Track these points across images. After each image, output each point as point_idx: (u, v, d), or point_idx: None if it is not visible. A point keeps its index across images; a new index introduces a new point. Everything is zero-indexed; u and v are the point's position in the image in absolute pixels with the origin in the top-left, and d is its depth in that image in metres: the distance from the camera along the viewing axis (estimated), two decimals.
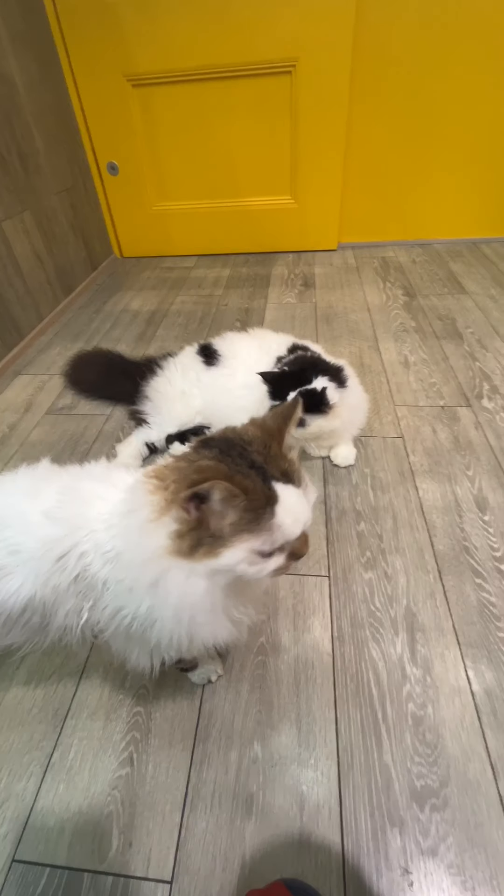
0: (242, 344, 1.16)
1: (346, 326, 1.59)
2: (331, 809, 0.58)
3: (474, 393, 1.24)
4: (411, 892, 0.52)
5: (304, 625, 0.77)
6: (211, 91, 1.80)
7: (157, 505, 0.41)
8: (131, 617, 0.47)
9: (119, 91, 1.84)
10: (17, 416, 1.29)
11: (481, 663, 0.70)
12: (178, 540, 0.40)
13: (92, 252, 2.08)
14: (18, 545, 0.48)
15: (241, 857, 0.55)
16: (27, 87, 1.57)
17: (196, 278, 2.06)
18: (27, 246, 1.60)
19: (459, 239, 2.16)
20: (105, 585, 0.47)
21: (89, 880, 0.54)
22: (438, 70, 1.74)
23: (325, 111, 1.82)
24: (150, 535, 0.41)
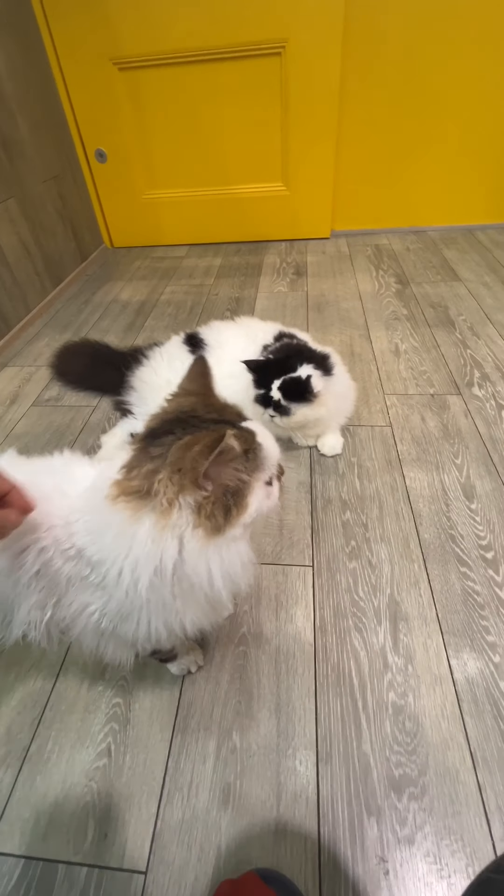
0: (229, 333, 1.14)
1: (338, 315, 1.57)
2: (308, 799, 0.57)
3: (465, 381, 1.22)
4: (386, 880, 0.51)
5: (287, 615, 0.76)
6: (199, 74, 1.76)
7: (157, 514, 0.38)
8: (99, 613, 0.46)
9: (105, 75, 1.80)
10: (3, 408, 1.28)
11: (464, 651, 0.69)
12: (209, 519, 0.39)
13: (81, 242, 2.05)
14: None
15: (217, 848, 0.54)
16: (10, 72, 1.53)
17: (187, 268, 2.03)
18: (13, 235, 1.58)
19: (454, 226, 2.13)
20: (69, 582, 0.46)
21: (63, 871, 0.54)
22: (433, 52, 1.70)
23: (317, 94, 1.78)
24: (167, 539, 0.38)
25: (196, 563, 0.39)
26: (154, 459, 0.40)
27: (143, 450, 0.41)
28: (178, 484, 0.38)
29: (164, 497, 0.38)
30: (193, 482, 0.37)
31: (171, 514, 0.38)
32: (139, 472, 0.40)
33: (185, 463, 0.37)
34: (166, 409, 0.45)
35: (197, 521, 0.38)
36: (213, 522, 0.39)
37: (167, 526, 0.38)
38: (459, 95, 1.78)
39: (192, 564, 0.39)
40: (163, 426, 0.42)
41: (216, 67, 1.75)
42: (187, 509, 0.38)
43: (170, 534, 0.38)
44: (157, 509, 0.38)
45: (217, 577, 0.41)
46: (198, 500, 0.38)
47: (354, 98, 1.81)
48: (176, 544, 0.39)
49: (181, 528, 0.38)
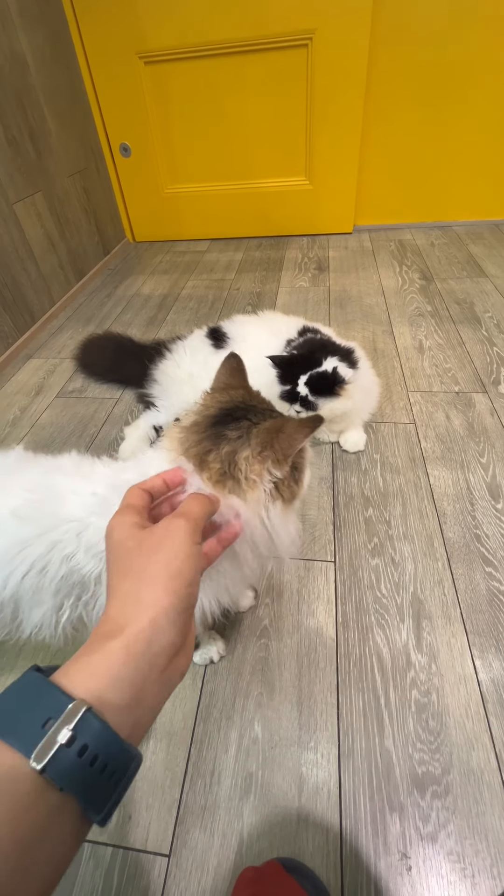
0: (252, 327, 1.14)
1: (360, 310, 1.55)
2: (330, 792, 0.57)
3: (491, 379, 1.20)
4: (409, 876, 0.51)
5: (309, 609, 0.76)
6: (224, 67, 1.76)
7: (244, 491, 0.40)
8: None
9: (131, 69, 1.81)
10: (28, 399, 1.30)
11: (489, 652, 0.68)
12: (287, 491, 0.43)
13: (104, 236, 2.06)
14: None
15: (239, 835, 0.55)
16: (39, 65, 1.55)
17: (208, 262, 2.03)
18: (39, 229, 1.60)
19: (481, 221, 2.08)
20: (99, 581, 0.46)
21: (89, 850, 0.55)
22: (461, 43, 1.66)
23: (343, 87, 1.76)
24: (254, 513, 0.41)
25: (279, 530, 0.43)
26: (232, 442, 0.42)
27: (214, 434, 0.42)
28: (265, 462, 0.41)
29: (249, 474, 0.40)
30: (284, 459, 0.41)
31: (256, 489, 0.41)
32: (218, 454, 0.41)
33: (278, 442, 0.41)
34: (220, 399, 0.46)
35: (276, 494, 0.42)
36: (289, 492, 0.43)
37: (253, 501, 0.41)
38: (489, 88, 1.74)
39: (276, 532, 0.43)
40: (227, 414, 0.44)
41: (242, 60, 1.74)
42: (269, 485, 0.41)
43: (256, 507, 0.41)
44: (242, 487, 0.41)
45: (288, 541, 0.45)
46: (281, 475, 0.42)
47: (380, 90, 1.78)
48: (261, 516, 0.42)
49: (265, 502, 0.42)
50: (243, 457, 0.41)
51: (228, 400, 0.45)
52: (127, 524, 0.32)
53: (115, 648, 0.25)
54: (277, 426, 0.41)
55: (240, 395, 0.46)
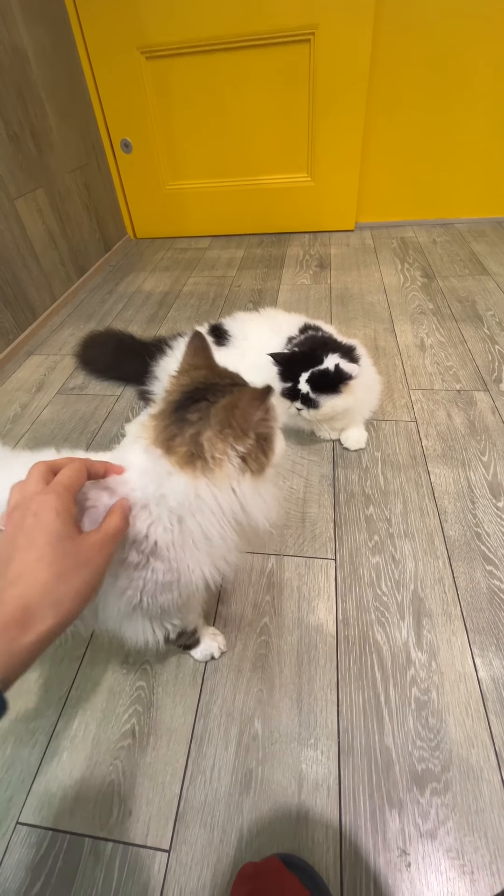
0: (253, 324, 1.14)
1: (362, 308, 1.55)
2: (329, 788, 0.58)
3: (493, 377, 1.19)
4: (408, 872, 0.51)
5: (309, 607, 0.76)
6: (226, 62, 1.75)
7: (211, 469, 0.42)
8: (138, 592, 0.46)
9: (133, 64, 1.80)
10: (29, 396, 1.30)
11: (489, 651, 0.68)
12: (254, 463, 0.44)
13: (105, 232, 2.06)
14: None
15: (239, 830, 0.55)
16: (39, 60, 1.54)
17: (209, 259, 2.03)
18: (40, 225, 1.60)
19: (483, 218, 2.07)
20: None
21: (90, 845, 0.55)
22: (465, 40, 1.65)
23: (345, 82, 1.75)
24: (225, 489, 0.43)
25: (251, 502, 0.45)
26: (194, 424, 0.42)
27: (177, 419, 0.43)
28: (227, 439, 0.42)
29: (214, 453, 0.42)
30: (243, 433, 0.42)
31: (223, 466, 0.42)
32: (183, 439, 0.42)
33: (234, 419, 0.41)
34: (182, 382, 0.47)
35: (244, 468, 0.43)
36: (257, 465, 0.44)
37: (222, 477, 0.42)
38: (492, 84, 1.73)
39: (248, 505, 0.45)
40: (188, 397, 0.45)
41: (243, 55, 1.73)
42: (236, 459, 0.43)
43: (226, 484, 0.43)
44: (210, 466, 0.42)
45: (263, 511, 0.46)
46: (245, 449, 0.43)
47: (382, 86, 1.78)
48: (232, 491, 0.43)
49: (234, 477, 0.43)
50: (206, 437, 0.42)
51: (189, 382, 0.46)
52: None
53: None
54: (233, 402, 0.42)
55: (202, 375, 0.47)
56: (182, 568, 0.46)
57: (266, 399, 0.42)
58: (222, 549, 0.48)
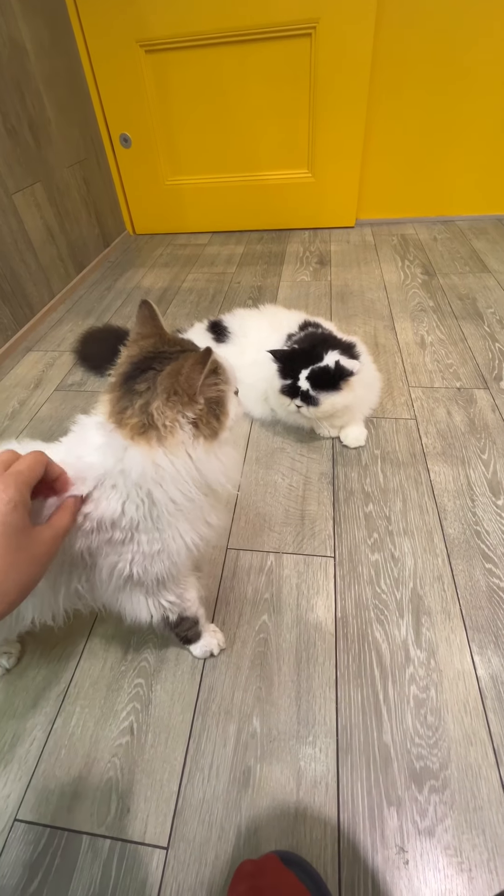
0: (253, 321, 1.13)
1: (362, 305, 1.54)
2: (328, 786, 0.58)
3: (493, 375, 1.19)
4: (406, 870, 0.51)
5: (308, 604, 0.76)
6: (226, 56, 1.73)
7: (164, 438, 0.42)
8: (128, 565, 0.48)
9: (132, 57, 1.78)
10: (27, 393, 1.30)
11: (488, 648, 0.68)
12: (206, 427, 0.44)
13: (104, 228, 2.05)
14: None
15: (237, 828, 0.55)
16: (38, 53, 1.53)
17: (209, 255, 2.01)
18: (38, 220, 1.58)
19: (484, 215, 2.06)
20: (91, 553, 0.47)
21: (88, 842, 0.55)
22: (467, 37, 1.63)
23: (347, 77, 1.73)
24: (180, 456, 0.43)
25: (206, 466, 0.45)
26: (143, 394, 0.43)
27: (127, 391, 0.43)
28: (175, 406, 0.42)
29: (165, 421, 0.42)
30: (191, 399, 0.42)
31: (175, 433, 0.43)
32: (133, 410, 0.42)
33: (179, 385, 0.42)
34: (131, 353, 0.47)
35: (197, 433, 0.44)
36: (209, 430, 0.44)
37: (176, 444, 0.43)
38: (494, 80, 1.72)
39: (204, 469, 0.45)
40: (136, 367, 0.44)
41: (244, 49, 1.72)
42: (187, 426, 0.43)
43: (181, 450, 0.43)
44: (162, 434, 0.42)
45: (221, 474, 0.47)
46: (195, 414, 0.43)
47: (384, 82, 1.76)
48: (188, 457, 0.44)
49: (188, 443, 0.43)
50: (154, 407, 0.42)
51: (138, 353, 0.46)
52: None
53: None
54: (176, 369, 0.42)
55: (150, 344, 0.46)
56: (165, 537, 0.47)
57: (206, 362, 0.41)
58: (198, 513, 0.48)
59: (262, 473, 0.99)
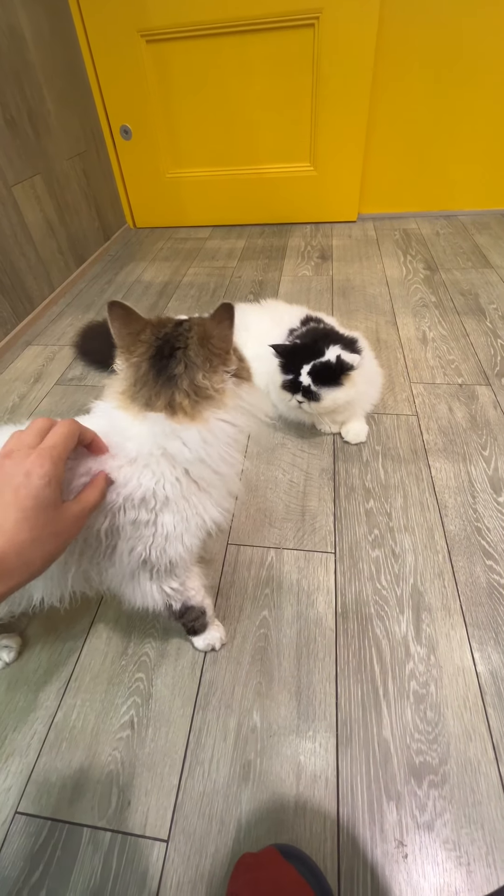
0: (254, 316, 1.12)
1: (364, 300, 1.53)
2: (328, 780, 0.58)
3: (495, 371, 1.19)
4: (405, 864, 0.52)
5: (308, 600, 0.76)
6: (228, 46, 1.71)
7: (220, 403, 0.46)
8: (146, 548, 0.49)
9: (133, 47, 1.76)
10: (27, 387, 1.29)
11: (488, 645, 0.68)
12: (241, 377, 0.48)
13: (104, 221, 2.03)
14: None
15: (237, 821, 0.55)
16: (37, 42, 1.51)
17: (210, 249, 2.00)
18: (38, 213, 1.57)
19: (487, 210, 2.05)
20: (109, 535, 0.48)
21: (88, 835, 0.55)
22: (471, 30, 1.61)
23: (349, 69, 1.71)
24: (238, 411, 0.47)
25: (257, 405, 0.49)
26: (183, 375, 0.44)
27: (165, 380, 0.45)
28: (217, 368, 0.45)
29: (215, 385, 0.45)
30: (226, 355, 0.45)
31: (226, 391, 0.46)
32: (182, 392, 0.44)
33: (213, 348, 0.44)
34: (141, 351, 0.46)
35: (239, 381, 0.48)
36: (247, 372, 0.49)
37: (230, 400, 0.46)
38: (497, 74, 1.70)
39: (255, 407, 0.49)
40: (157, 359, 0.45)
41: (246, 40, 1.69)
42: (230, 379, 0.46)
43: (234, 403, 0.47)
44: (217, 398, 0.45)
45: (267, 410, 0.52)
46: (234, 367, 0.47)
47: (387, 74, 1.74)
48: (242, 407, 0.47)
49: (237, 394, 0.47)
50: (199, 378, 0.44)
51: (146, 350, 0.46)
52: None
53: None
54: (205, 335, 0.45)
55: (149, 335, 0.46)
56: (190, 515, 0.49)
57: (233, 316, 0.44)
58: (229, 483, 0.51)
59: (262, 469, 0.99)
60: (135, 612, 0.75)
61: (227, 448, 0.47)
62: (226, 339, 0.44)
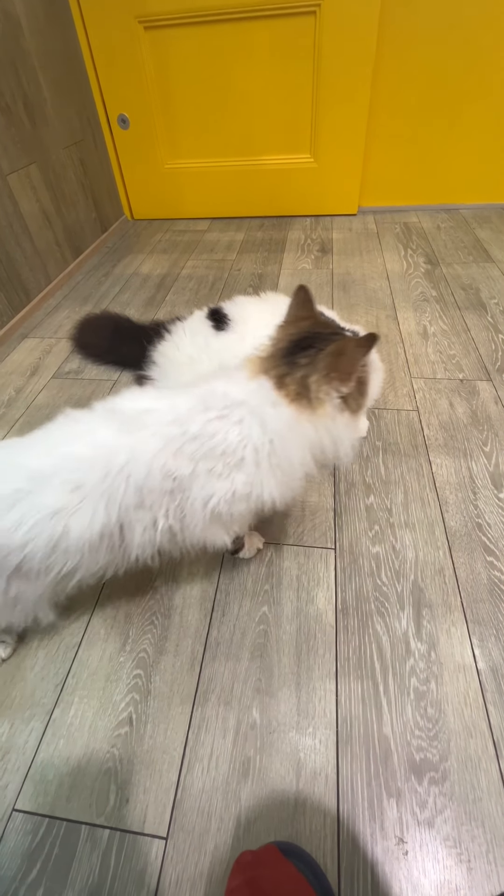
0: (253, 308, 1.11)
1: (364, 294, 1.52)
2: (327, 777, 0.57)
3: (496, 366, 1.18)
4: (405, 861, 0.51)
5: (308, 596, 0.75)
6: (228, 34, 1.68)
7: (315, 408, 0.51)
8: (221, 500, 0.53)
9: (130, 34, 1.72)
10: (24, 380, 1.27)
11: (489, 641, 0.68)
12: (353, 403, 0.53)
13: (102, 212, 2.00)
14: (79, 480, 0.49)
15: (237, 818, 0.55)
16: (33, 28, 1.47)
17: (209, 242, 1.98)
18: (34, 203, 1.54)
19: (488, 204, 2.03)
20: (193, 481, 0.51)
21: (86, 832, 0.55)
22: (474, 18, 1.59)
23: (351, 59, 1.69)
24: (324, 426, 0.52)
25: (342, 435, 0.54)
26: (303, 367, 0.51)
27: (289, 363, 0.51)
28: (332, 382, 0.50)
29: (318, 394, 0.50)
30: (347, 377, 0.50)
31: (324, 405, 0.51)
32: (293, 379, 0.51)
33: (340, 364, 0.50)
34: (290, 332, 0.55)
35: (343, 407, 0.52)
36: (356, 405, 0.53)
37: (323, 414, 0.51)
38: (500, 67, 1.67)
39: (339, 437, 0.54)
40: (296, 344, 0.52)
41: (247, 27, 1.66)
42: (337, 400, 0.51)
43: (324, 421, 0.52)
44: (313, 404, 0.51)
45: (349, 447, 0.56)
46: (347, 391, 0.51)
47: (388, 65, 1.72)
48: (328, 426, 0.52)
49: (332, 415, 0.52)
50: (312, 380, 0.50)
51: (296, 332, 0.54)
52: None
53: None
54: (339, 349, 0.49)
55: (307, 325, 0.55)
56: (256, 482, 0.53)
57: (372, 346, 0.49)
58: (296, 475, 0.55)
59: None
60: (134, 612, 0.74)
61: (301, 446, 0.52)
62: (354, 362, 0.49)
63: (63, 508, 0.48)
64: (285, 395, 0.50)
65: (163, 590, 0.78)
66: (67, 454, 0.51)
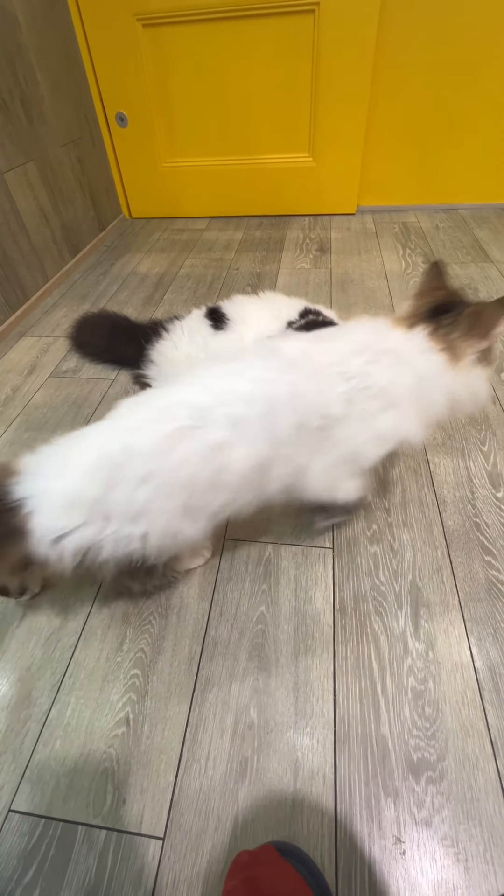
0: (252, 308, 1.10)
1: (362, 294, 1.52)
2: (325, 777, 0.57)
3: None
4: (403, 860, 0.51)
5: (306, 596, 0.75)
6: (227, 32, 1.67)
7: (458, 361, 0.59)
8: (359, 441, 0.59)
9: (129, 31, 1.72)
10: (21, 379, 1.27)
11: (486, 640, 0.68)
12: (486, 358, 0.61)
13: (100, 211, 2.00)
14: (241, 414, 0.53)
15: (234, 819, 0.55)
16: (30, 24, 1.46)
17: (207, 241, 1.97)
18: (31, 201, 1.54)
19: (487, 204, 2.03)
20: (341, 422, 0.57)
21: (83, 833, 0.55)
22: (473, 21, 1.59)
23: (350, 57, 1.68)
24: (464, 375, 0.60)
25: (478, 385, 0.62)
26: (446, 326, 0.59)
27: (435, 322, 0.60)
28: (471, 339, 0.58)
29: (459, 349, 0.58)
30: (484, 336, 0.58)
31: (464, 359, 0.59)
32: (439, 335, 0.59)
33: (479, 323, 0.57)
34: (427, 300, 0.62)
35: (478, 362, 0.60)
36: (489, 360, 0.61)
37: (464, 366, 0.59)
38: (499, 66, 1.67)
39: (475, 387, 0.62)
40: (437, 308, 0.60)
41: (245, 25, 1.66)
42: (475, 356, 0.59)
43: (465, 371, 0.60)
44: (456, 357, 0.58)
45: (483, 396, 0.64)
46: (484, 347, 0.59)
47: (388, 64, 1.71)
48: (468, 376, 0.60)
49: (470, 368, 0.60)
50: (454, 337, 0.58)
51: (433, 299, 0.62)
52: None
53: None
54: (477, 311, 0.58)
55: (442, 294, 0.62)
56: (402, 422, 0.60)
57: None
58: (431, 420, 0.63)
59: None
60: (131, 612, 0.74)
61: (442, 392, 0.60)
62: (490, 322, 0.57)
63: (225, 442, 0.52)
64: (437, 343, 0.58)
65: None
66: (229, 389, 0.55)
